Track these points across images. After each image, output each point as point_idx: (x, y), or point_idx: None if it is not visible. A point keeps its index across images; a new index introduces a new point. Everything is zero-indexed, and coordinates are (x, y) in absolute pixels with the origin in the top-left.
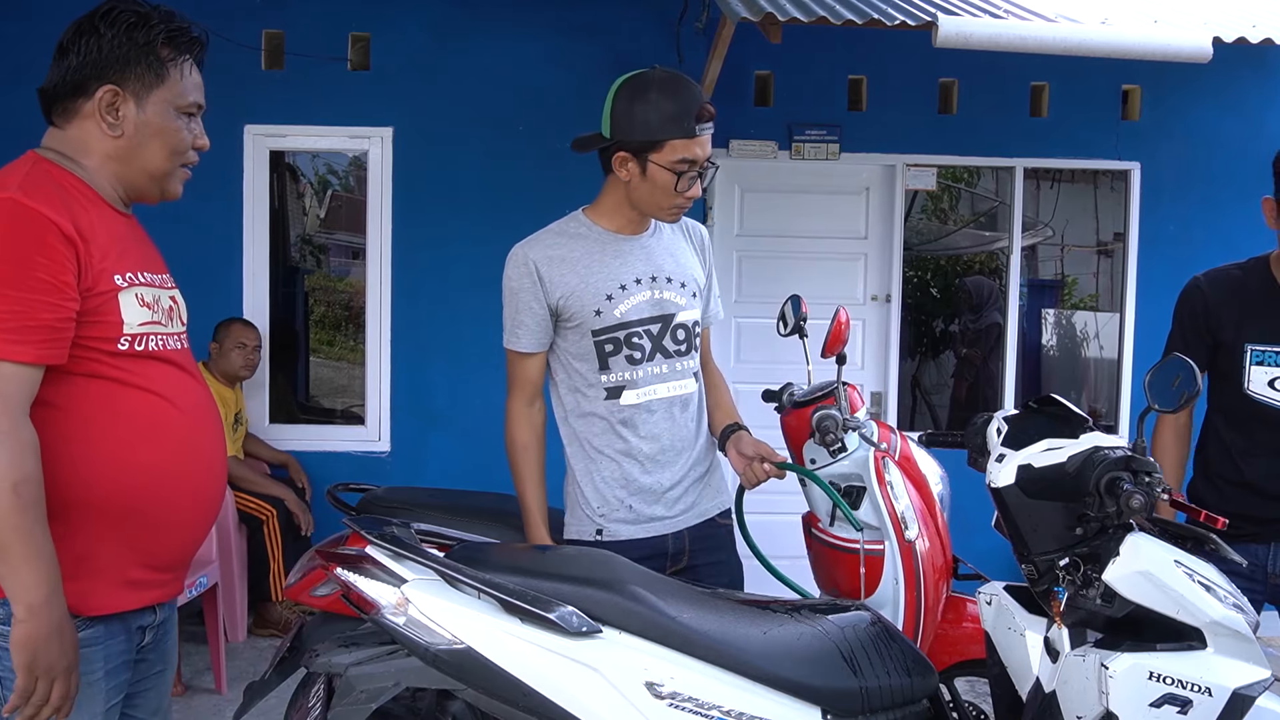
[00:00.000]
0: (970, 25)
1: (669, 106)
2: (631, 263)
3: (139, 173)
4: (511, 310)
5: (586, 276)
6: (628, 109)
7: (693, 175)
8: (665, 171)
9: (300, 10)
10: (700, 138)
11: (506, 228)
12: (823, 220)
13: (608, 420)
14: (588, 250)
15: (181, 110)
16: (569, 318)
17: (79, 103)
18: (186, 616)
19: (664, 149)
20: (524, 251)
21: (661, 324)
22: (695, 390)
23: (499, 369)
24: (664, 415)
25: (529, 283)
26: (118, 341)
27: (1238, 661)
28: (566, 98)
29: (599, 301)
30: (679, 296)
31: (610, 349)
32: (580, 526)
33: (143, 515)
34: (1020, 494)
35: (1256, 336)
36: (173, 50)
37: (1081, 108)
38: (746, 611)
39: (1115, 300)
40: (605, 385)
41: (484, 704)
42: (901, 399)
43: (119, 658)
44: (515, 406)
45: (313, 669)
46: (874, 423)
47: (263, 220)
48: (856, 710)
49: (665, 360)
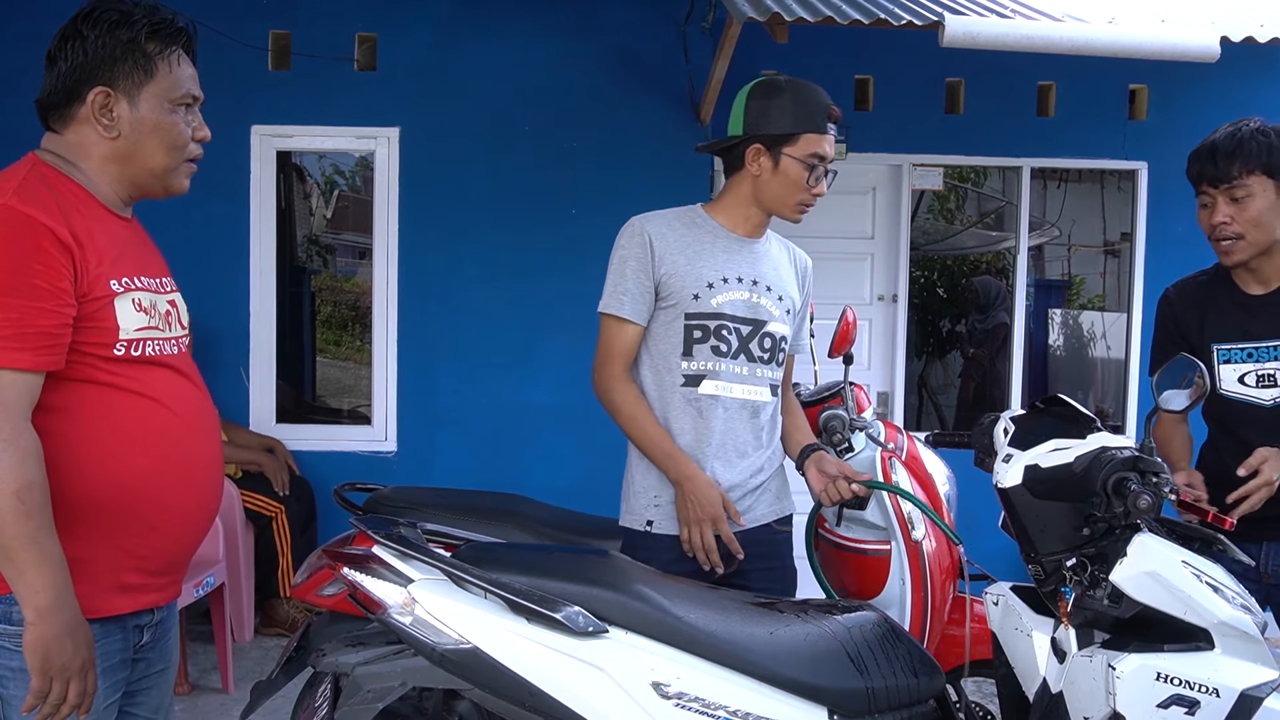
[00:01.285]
0: (977, 25)
1: (802, 103)
2: (738, 261)
3: (141, 171)
4: (618, 277)
5: (694, 260)
6: (762, 106)
7: (821, 172)
8: (797, 164)
9: (307, 10)
10: (829, 136)
11: (513, 227)
12: (829, 220)
13: (680, 408)
14: (699, 238)
15: (176, 103)
16: (666, 295)
17: (73, 108)
18: (193, 616)
19: (798, 142)
20: (641, 224)
21: (752, 327)
22: (769, 402)
23: (505, 368)
24: (736, 415)
25: (641, 252)
26: (113, 347)
27: (1245, 662)
28: (573, 98)
29: (699, 286)
30: (774, 307)
31: (699, 335)
32: (632, 516)
33: (137, 520)
34: (1027, 494)
35: (1221, 336)
36: (159, 44)
37: (1089, 107)
38: (753, 611)
39: (1122, 300)
40: (685, 371)
41: (490, 704)
42: (908, 399)
43: (116, 656)
44: (613, 371)
45: (319, 668)
46: (881, 423)
47: (269, 220)
48: (863, 710)
49: (749, 363)
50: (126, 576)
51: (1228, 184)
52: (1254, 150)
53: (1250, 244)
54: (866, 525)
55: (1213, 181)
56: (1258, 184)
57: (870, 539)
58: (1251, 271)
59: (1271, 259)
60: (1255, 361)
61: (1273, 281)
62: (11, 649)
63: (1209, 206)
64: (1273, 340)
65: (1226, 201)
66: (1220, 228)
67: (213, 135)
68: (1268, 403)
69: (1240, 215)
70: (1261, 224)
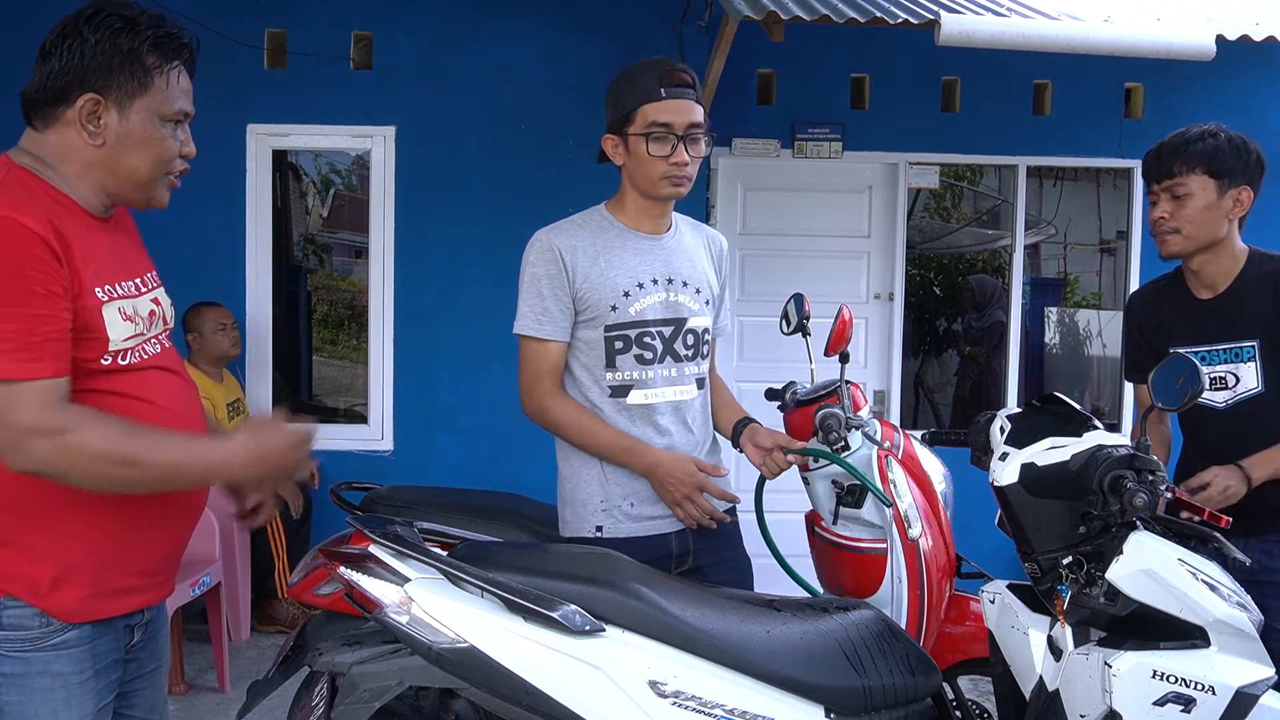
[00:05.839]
0: (973, 23)
1: (632, 80)
2: (650, 262)
3: (122, 181)
4: (534, 297)
5: (607, 270)
6: (608, 99)
7: (665, 138)
8: (640, 140)
9: (303, 9)
10: (669, 101)
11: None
12: (826, 219)
13: (612, 418)
14: (608, 244)
15: (167, 119)
16: (584, 310)
17: (60, 109)
18: (189, 615)
19: (635, 119)
20: (549, 238)
21: (674, 327)
22: (698, 396)
23: (502, 367)
24: (670, 418)
25: (554, 269)
26: (100, 358)
27: (1241, 660)
28: (569, 97)
29: (615, 297)
30: (692, 302)
31: (620, 346)
32: (580, 524)
33: (129, 522)
34: (1024, 492)
35: (1179, 340)
36: (160, 57)
37: (1084, 106)
38: (750, 610)
39: (1118, 298)
40: (610, 384)
41: (487, 703)
42: (905, 397)
43: (108, 657)
44: (545, 388)
45: (316, 668)
46: (877, 421)
47: (265, 219)
48: (860, 709)
49: (675, 364)
50: (120, 580)
51: (1170, 179)
52: (1198, 151)
53: (1186, 239)
54: (863, 524)
55: (1156, 178)
56: (1197, 183)
57: (866, 537)
58: (1197, 275)
59: (1216, 262)
60: (1207, 365)
61: (1219, 285)
62: (4, 654)
63: (1155, 204)
64: (1222, 343)
65: (1168, 198)
66: (1159, 223)
67: (208, 134)
68: (1221, 405)
69: (1178, 212)
70: (1198, 221)
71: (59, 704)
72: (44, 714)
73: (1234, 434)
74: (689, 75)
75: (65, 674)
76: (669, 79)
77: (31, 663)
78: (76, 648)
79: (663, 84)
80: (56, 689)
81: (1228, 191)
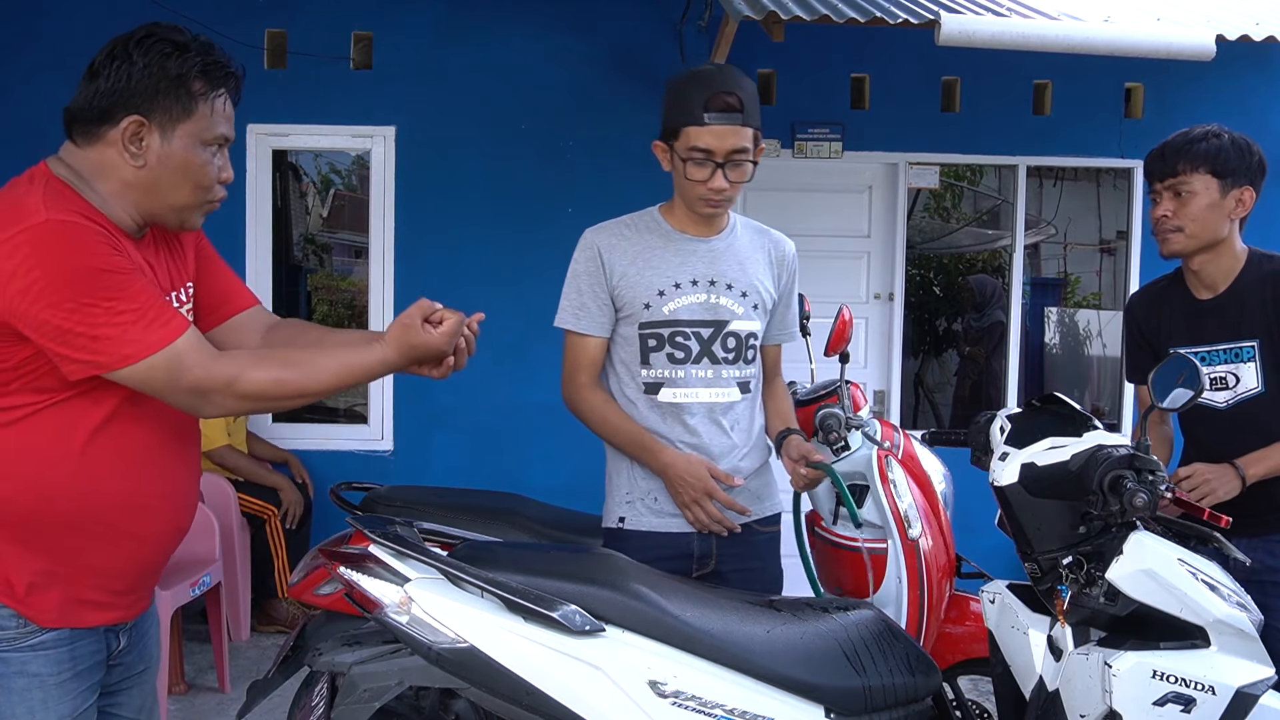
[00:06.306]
0: (973, 23)
1: (682, 96)
2: (692, 263)
3: (160, 204)
4: (574, 292)
5: (643, 269)
6: (666, 99)
7: (705, 163)
8: (680, 160)
9: (303, 9)
10: (711, 127)
11: (509, 226)
12: (826, 218)
13: (645, 415)
14: (651, 244)
15: (208, 143)
16: (620, 306)
17: (103, 128)
18: (190, 615)
19: (679, 137)
20: (592, 236)
21: (713, 329)
22: (740, 401)
23: (503, 367)
24: (702, 419)
25: (592, 266)
26: None
27: (1241, 660)
28: (569, 96)
29: (650, 295)
30: (736, 305)
31: (653, 344)
32: (609, 513)
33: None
34: (1023, 492)
35: (1175, 340)
36: (206, 84)
37: (1084, 106)
38: (750, 610)
39: (1118, 298)
40: (644, 380)
41: (487, 703)
42: (905, 397)
43: (89, 659)
44: (580, 381)
45: (316, 668)
46: (877, 421)
47: (265, 219)
48: (860, 709)
49: (712, 366)
50: (90, 594)
51: (1173, 178)
52: (1202, 150)
53: (1188, 237)
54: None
55: (1160, 177)
56: (1200, 182)
57: (866, 537)
58: (1197, 275)
59: (1217, 263)
60: (1207, 365)
61: (1219, 285)
62: None
63: (1157, 203)
64: (1222, 344)
65: (1170, 197)
66: (1162, 221)
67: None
68: (1221, 405)
69: (1181, 210)
70: (1200, 220)
71: (35, 705)
72: (20, 714)
73: (1234, 434)
74: (736, 97)
75: (43, 675)
76: (713, 103)
77: (9, 663)
78: (55, 649)
79: (708, 109)
80: (34, 689)
81: (1230, 191)
